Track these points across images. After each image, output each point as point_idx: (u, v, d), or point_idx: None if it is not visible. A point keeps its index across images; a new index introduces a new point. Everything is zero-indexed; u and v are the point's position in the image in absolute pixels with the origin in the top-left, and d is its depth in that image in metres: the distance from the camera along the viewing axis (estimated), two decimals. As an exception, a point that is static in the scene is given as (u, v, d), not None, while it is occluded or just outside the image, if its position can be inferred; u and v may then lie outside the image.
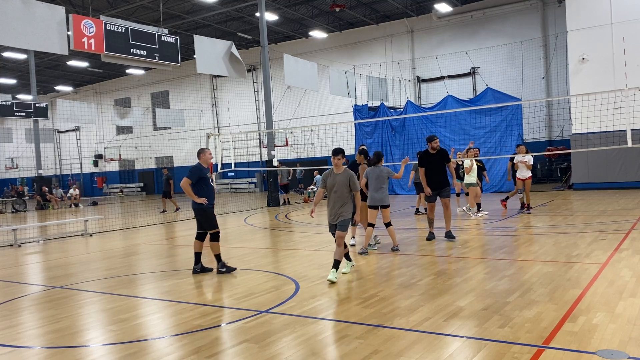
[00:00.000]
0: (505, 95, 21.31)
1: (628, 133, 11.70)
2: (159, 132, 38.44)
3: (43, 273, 9.05)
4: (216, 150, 26.82)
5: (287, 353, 4.36)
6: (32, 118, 27.51)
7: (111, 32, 12.65)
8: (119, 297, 6.72)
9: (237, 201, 25.19)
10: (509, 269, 7.08)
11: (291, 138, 32.62)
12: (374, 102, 25.48)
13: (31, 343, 5.09)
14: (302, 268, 7.96)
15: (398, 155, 23.50)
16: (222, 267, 7.92)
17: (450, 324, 4.87)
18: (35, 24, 11.29)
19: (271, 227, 13.94)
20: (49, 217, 22.70)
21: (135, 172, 42.34)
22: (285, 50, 28.08)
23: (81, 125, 41.69)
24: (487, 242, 9.36)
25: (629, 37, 18.79)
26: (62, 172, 46.46)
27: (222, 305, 6.12)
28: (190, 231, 14.10)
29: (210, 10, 26.97)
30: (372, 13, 28.59)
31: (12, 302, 6.80)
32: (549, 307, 5.16)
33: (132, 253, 10.79)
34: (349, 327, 4.97)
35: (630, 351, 3.96)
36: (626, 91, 11.74)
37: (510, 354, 4.04)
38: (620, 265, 6.90)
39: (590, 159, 19.24)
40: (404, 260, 8.11)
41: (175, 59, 14.31)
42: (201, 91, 37.17)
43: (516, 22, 25.98)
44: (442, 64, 27.58)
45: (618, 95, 15.03)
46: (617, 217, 11.75)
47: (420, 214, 14.36)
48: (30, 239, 13.78)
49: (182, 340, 4.85)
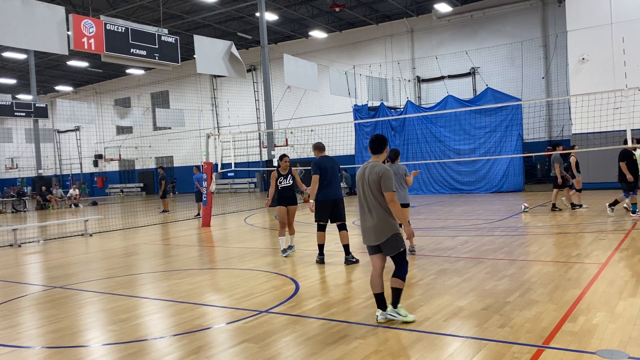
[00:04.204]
0: (505, 95, 21.31)
1: (628, 133, 11.69)
2: (159, 132, 38.45)
3: (43, 273, 9.05)
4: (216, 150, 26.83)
5: (287, 353, 4.36)
6: (32, 118, 27.54)
7: (111, 32, 12.64)
8: (119, 297, 6.72)
9: (237, 201, 25.19)
10: (509, 269, 7.08)
11: (291, 138, 32.61)
12: (374, 102, 25.49)
13: (31, 343, 5.09)
14: (302, 268, 7.96)
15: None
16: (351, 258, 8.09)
17: (450, 324, 4.87)
18: (35, 24, 11.28)
19: (271, 227, 13.94)
20: (49, 217, 22.70)
21: (135, 172, 42.35)
22: (285, 50, 28.08)
23: (81, 125, 41.71)
24: (487, 242, 9.35)
25: (629, 37, 18.78)
26: (62, 172, 46.46)
27: (222, 305, 6.11)
28: (190, 231, 14.11)
29: (210, 10, 26.98)
30: (372, 13, 28.60)
31: (12, 302, 6.80)
32: (549, 307, 5.16)
33: (132, 253, 10.79)
34: (349, 327, 4.97)
35: (630, 351, 3.96)
36: (626, 91, 11.73)
37: (510, 354, 4.04)
38: (620, 265, 6.90)
39: (590, 159, 19.22)
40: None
41: (175, 59, 14.31)
42: (201, 91, 37.17)
43: (516, 22, 25.98)
44: (442, 64, 27.58)
45: (618, 95, 15.01)
46: (617, 217, 11.75)
47: (556, 210, 13.59)
48: (30, 239, 13.78)
49: (182, 340, 4.85)
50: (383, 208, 4.95)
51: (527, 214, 13.34)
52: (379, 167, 5.00)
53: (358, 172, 5.18)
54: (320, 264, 8.13)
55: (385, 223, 4.94)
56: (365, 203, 5.07)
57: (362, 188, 5.09)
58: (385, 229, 4.93)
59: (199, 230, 14.21)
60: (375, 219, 4.96)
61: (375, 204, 4.97)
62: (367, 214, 5.06)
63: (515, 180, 21.15)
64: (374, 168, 5.00)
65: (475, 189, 21.74)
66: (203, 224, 14.95)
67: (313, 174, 8.13)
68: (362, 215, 5.12)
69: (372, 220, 4.98)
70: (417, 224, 12.71)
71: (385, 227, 4.93)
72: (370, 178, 4.97)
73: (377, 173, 4.94)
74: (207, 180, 15.19)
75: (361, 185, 5.10)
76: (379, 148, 5.16)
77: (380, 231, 4.94)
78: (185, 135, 36.96)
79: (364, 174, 5.07)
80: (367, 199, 5.04)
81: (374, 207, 4.98)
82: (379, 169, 4.97)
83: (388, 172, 4.95)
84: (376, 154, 5.17)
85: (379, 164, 5.07)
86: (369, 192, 5.01)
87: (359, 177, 5.15)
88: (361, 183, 5.10)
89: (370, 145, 5.18)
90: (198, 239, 12.42)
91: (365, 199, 5.06)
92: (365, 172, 5.06)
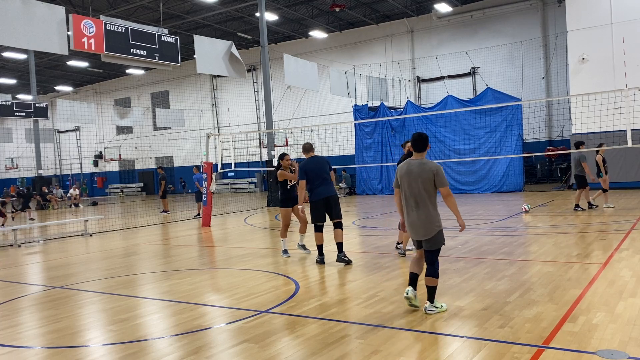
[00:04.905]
0: (505, 95, 21.31)
1: (628, 133, 11.70)
2: (159, 132, 38.44)
3: (43, 273, 9.05)
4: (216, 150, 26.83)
5: (287, 353, 4.36)
6: (32, 118, 27.52)
7: (111, 32, 12.65)
8: (119, 297, 6.72)
9: (237, 201, 25.19)
10: (509, 269, 7.08)
11: (291, 138, 32.60)
12: (374, 102, 25.48)
13: (31, 343, 5.09)
14: (302, 268, 7.96)
15: (398, 155, 23.49)
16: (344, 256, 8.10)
17: (450, 324, 4.87)
18: (35, 24, 11.28)
19: (271, 227, 13.94)
20: (49, 217, 22.70)
21: (135, 172, 42.35)
22: (285, 50, 28.08)
23: (81, 125, 41.68)
24: (487, 242, 9.35)
25: (629, 37, 18.78)
26: (62, 172, 46.45)
27: (222, 306, 6.11)
28: (190, 231, 14.11)
29: (210, 10, 26.97)
30: (372, 13, 28.59)
31: (12, 302, 6.79)
32: (549, 307, 5.16)
33: (132, 253, 10.79)
34: (349, 327, 4.97)
35: (630, 351, 3.96)
36: (626, 91, 11.74)
37: (510, 354, 4.04)
38: (620, 265, 6.90)
39: (590, 159, 19.21)
40: (404, 260, 8.11)
41: (175, 59, 14.31)
42: (201, 91, 37.16)
43: (516, 22, 25.98)
44: (442, 64, 27.58)
45: (618, 95, 15.02)
46: (617, 217, 11.75)
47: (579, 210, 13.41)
48: (30, 239, 13.78)
49: (182, 340, 4.85)
50: (431, 204, 5.21)
51: (527, 214, 13.34)
52: (430, 164, 5.22)
53: (401, 169, 5.36)
54: (320, 264, 8.12)
55: (434, 218, 5.21)
56: (413, 198, 5.26)
57: (408, 184, 5.27)
58: (434, 224, 5.20)
59: (199, 230, 14.21)
60: (424, 214, 5.20)
61: (425, 200, 5.19)
62: (414, 209, 5.26)
63: (515, 180, 21.15)
64: (425, 165, 5.20)
65: (476, 189, 21.74)
66: (203, 224, 14.95)
67: (299, 179, 8.15)
68: (409, 210, 5.31)
69: (422, 215, 5.21)
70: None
71: (434, 222, 5.20)
72: (423, 175, 5.16)
73: (431, 170, 5.15)
74: (207, 180, 15.19)
75: (407, 182, 5.27)
76: (422, 146, 5.33)
77: (430, 226, 5.19)
78: (185, 135, 36.96)
79: (411, 171, 5.24)
80: (416, 195, 5.23)
81: (422, 202, 5.20)
82: (431, 166, 5.19)
83: (441, 169, 5.22)
84: (419, 152, 5.35)
85: (427, 161, 5.27)
86: (419, 187, 5.20)
87: (403, 173, 5.31)
88: (407, 179, 5.26)
89: (413, 143, 5.35)
90: (198, 239, 12.42)
91: (413, 195, 5.25)
92: (414, 169, 5.23)
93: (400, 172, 5.39)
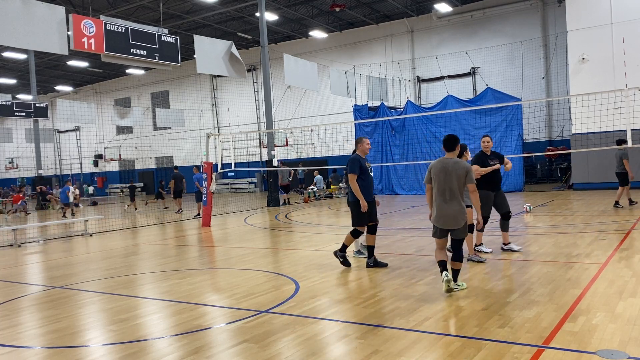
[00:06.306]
0: (505, 95, 21.30)
1: (628, 133, 11.68)
2: (159, 132, 38.44)
3: (43, 273, 9.04)
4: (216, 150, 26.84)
5: (287, 353, 4.36)
6: (32, 118, 27.51)
7: (111, 32, 12.65)
8: (119, 297, 6.72)
9: (237, 201, 25.19)
10: (509, 269, 7.08)
11: (291, 138, 32.62)
12: (374, 102, 25.48)
13: (31, 343, 5.09)
14: (302, 268, 7.96)
15: (398, 155, 23.51)
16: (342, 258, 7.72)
17: (450, 324, 4.87)
18: (35, 24, 11.29)
19: (271, 227, 13.94)
20: (49, 217, 22.70)
21: (135, 172, 42.33)
22: (285, 50, 28.09)
23: (81, 125, 41.68)
24: (487, 242, 9.35)
25: (629, 37, 18.78)
26: (62, 172, 46.45)
27: (222, 305, 6.11)
28: (190, 231, 14.11)
29: (210, 10, 26.98)
30: (372, 13, 28.60)
31: (12, 302, 6.79)
32: (549, 307, 5.16)
33: (132, 253, 10.79)
34: (349, 327, 4.97)
35: (630, 351, 3.96)
36: (626, 91, 11.73)
37: (510, 354, 4.04)
38: (620, 265, 6.90)
39: (590, 159, 19.23)
40: (405, 260, 8.11)
41: (175, 59, 14.31)
42: (201, 91, 37.17)
43: (516, 22, 25.98)
44: (442, 64, 27.58)
45: (618, 95, 15.01)
46: (617, 217, 11.75)
47: (619, 207, 13.38)
48: (30, 239, 13.78)
49: (182, 340, 4.85)
50: (461, 198, 5.90)
51: (527, 214, 13.34)
52: (463, 163, 5.94)
53: (436, 167, 5.99)
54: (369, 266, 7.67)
55: (463, 210, 5.88)
56: (447, 192, 5.88)
57: (445, 179, 5.89)
58: (463, 215, 5.86)
59: (199, 230, 14.21)
60: (456, 207, 5.84)
61: (457, 194, 5.85)
62: (448, 201, 5.87)
63: (515, 180, 21.14)
64: (459, 163, 5.91)
65: (475, 189, 21.70)
66: (203, 224, 14.95)
67: None
68: (442, 202, 5.90)
69: (455, 207, 5.85)
70: (417, 224, 12.71)
71: (463, 214, 5.87)
72: (458, 171, 5.85)
73: (464, 168, 5.88)
74: (207, 180, 15.19)
75: (443, 177, 5.90)
76: (452, 146, 6.02)
77: (460, 217, 5.83)
78: (185, 135, 36.96)
79: (446, 167, 5.91)
80: (450, 189, 5.86)
81: (455, 196, 5.85)
82: (464, 165, 5.90)
83: (472, 168, 6.04)
84: (450, 151, 6.04)
85: (461, 160, 6.02)
86: (453, 183, 5.85)
87: (438, 169, 5.95)
88: (444, 175, 5.90)
89: (444, 144, 6.05)
90: (198, 239, 12.42)
91: (447, 189, 5.87)
92: (449, 166, 5.90)
93: (434, 169, 6.00)
